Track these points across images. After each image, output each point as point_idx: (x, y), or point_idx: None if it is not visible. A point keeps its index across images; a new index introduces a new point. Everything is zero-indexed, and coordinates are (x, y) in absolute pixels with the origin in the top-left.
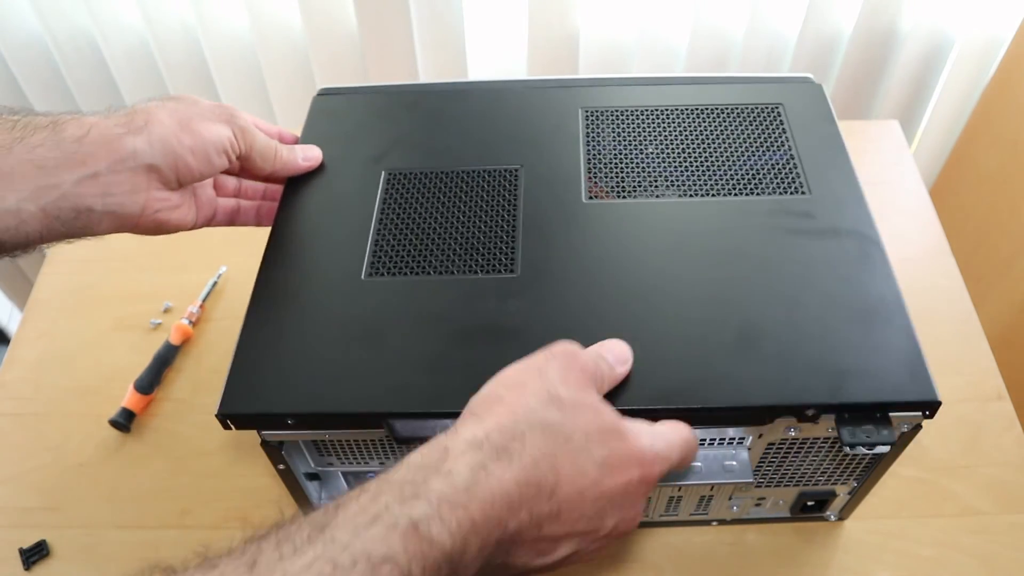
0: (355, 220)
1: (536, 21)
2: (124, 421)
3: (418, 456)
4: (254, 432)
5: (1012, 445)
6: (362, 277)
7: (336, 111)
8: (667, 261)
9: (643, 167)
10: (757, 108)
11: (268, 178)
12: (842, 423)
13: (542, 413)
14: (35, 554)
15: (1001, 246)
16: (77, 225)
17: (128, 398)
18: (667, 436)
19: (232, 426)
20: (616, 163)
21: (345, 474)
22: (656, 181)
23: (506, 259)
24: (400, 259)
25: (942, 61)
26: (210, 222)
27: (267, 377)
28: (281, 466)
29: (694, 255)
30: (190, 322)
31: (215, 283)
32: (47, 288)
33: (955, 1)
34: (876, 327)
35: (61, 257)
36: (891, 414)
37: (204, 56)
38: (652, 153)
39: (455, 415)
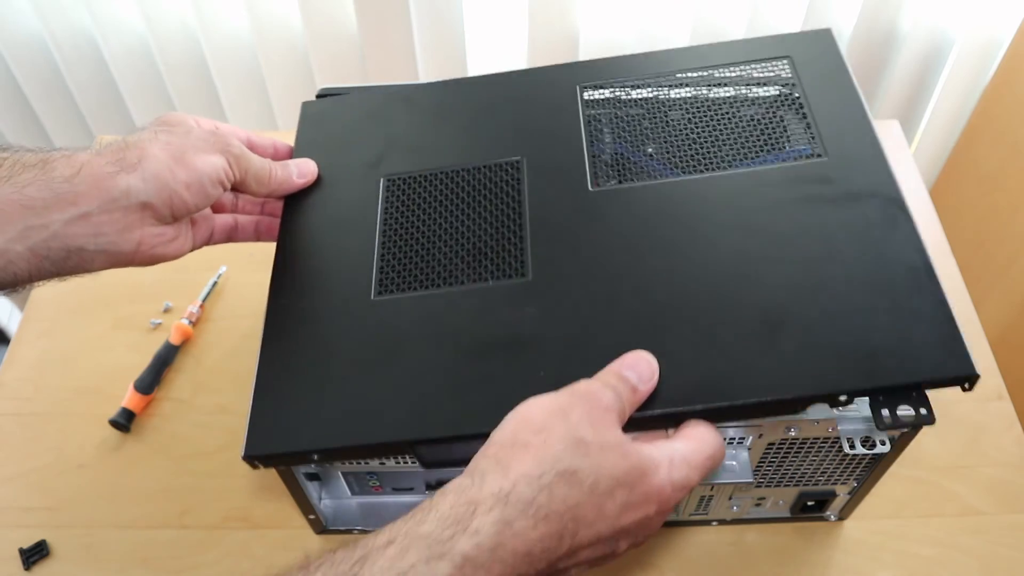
0: (359, 235)
1: (536, 21)
2: (124, 421)
3: (447, 507)
4: None
5: (1012, 445)
6: (372, 297)
7: (327, 116)
8: (681, 248)
9: (649, 141)
10: (765, 64)
11: (270, 194)
12: (876, 405)
13: (568, 460)
14: (35, 554)
15: (1001, 246)
16: (68, 265)
17: (128, 398)
18: (691, 460)
19: (259, 466)
20: (620, 142)
21: (345, 474)
22: (663, 157)
23: (516, 262)
24: (408, 273)
25: (942, 61)
26: (208, 242)
27: (289, 413)
28: (276, 467)
29: (709, 238)
30: (190, 322)
31: (215, 283)
32: (47, 288)
33: (955, 1)
34: (905, 299)
35: None
36: (927, 391)
37: (204, 56)
38: (656, 126)
39: (481, 435)
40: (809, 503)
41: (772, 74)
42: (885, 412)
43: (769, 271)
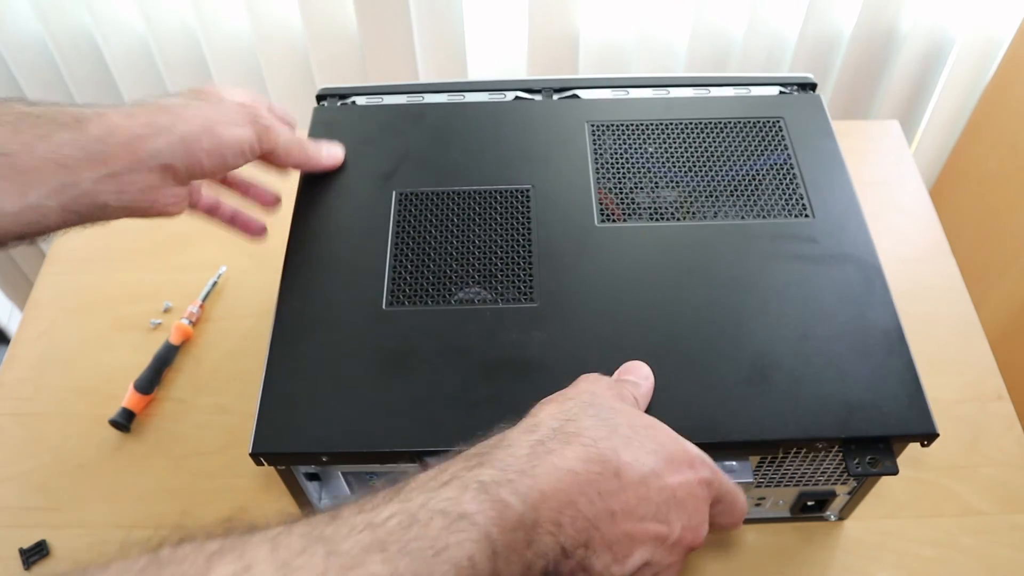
0: (370, 245)
1: (536, 21)
2: (124, 421)
3: (476, 444)
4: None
5: (1012, 445)
6: (383, 307)
7: (339, 122)
8: (680, 290)
9: (652, 186)
10: (760, 122)
11: (297, 166)
12: (848, 453)
13: (588, 408)
14: (35, 554)
15: (1001, 246)
16: (92, 217)
17: (128, 398)
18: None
19: (265, 463)
20: (625, 183)
21: (345, 474)
22: (665, 202)
23: (525, 287)
24: (420, 287)
25: (942, 61)
26: (194, 209)
27: (298, 413)
28: (281, 466)
29: (706, 282)
30: (190, 322)
31: (215, 283)
32: (47, 288)
33: (955, 1)
34: (879, 359)
35: (61, 257)
36: (894, 445)
37: (204, 56)
38: (660, 172)
39: None
40: (809, 503)
41: (767, 134)
42: (856, 460)
43: (760, 319)
